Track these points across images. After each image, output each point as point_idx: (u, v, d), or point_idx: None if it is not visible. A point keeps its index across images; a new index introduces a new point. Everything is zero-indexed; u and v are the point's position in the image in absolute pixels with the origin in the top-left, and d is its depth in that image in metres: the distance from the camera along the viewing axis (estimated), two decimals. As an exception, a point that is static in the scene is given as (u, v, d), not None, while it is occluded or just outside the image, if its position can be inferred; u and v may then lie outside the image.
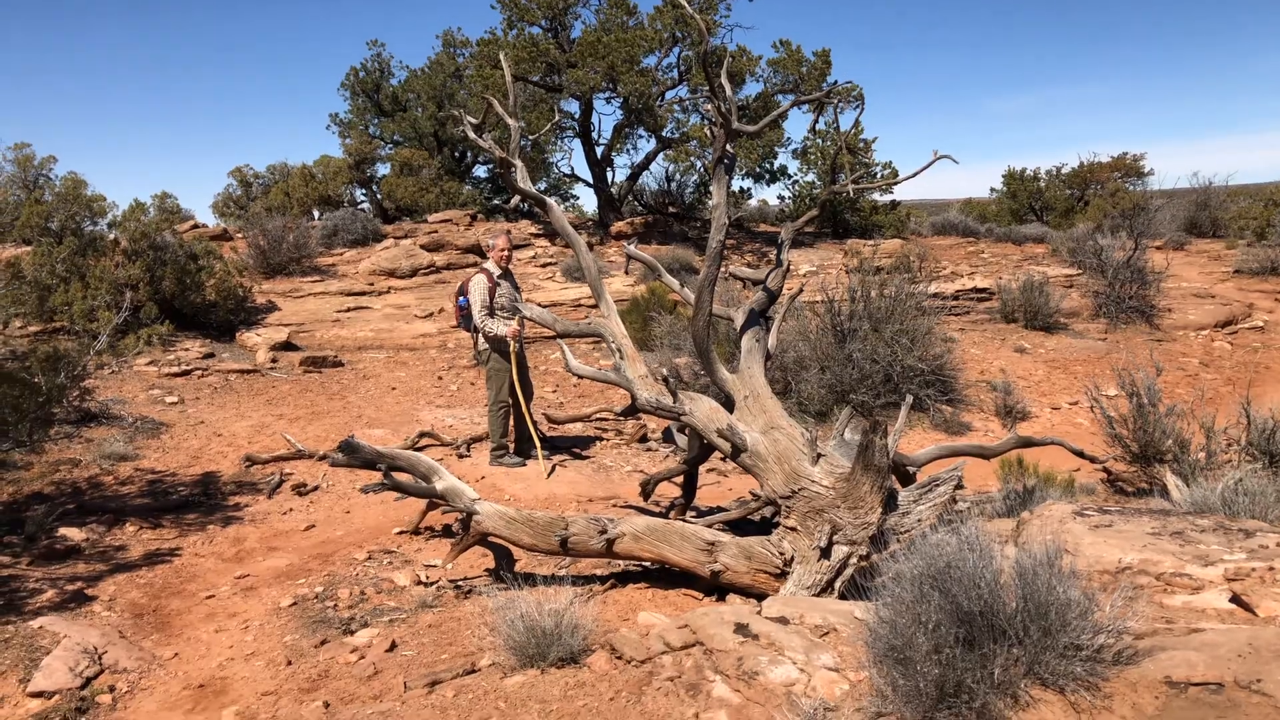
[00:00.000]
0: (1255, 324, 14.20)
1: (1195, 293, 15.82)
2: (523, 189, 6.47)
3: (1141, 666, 2.73)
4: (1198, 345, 13.30)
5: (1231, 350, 13.06)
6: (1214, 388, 11.27)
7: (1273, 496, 5.08)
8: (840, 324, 10.46)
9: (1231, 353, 12.97)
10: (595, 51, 18.26)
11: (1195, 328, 14.01)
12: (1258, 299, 15.88)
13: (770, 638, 3.30)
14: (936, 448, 6.47)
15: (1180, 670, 2.67)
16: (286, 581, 5.58)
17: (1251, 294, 16.21)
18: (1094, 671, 2.66)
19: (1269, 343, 13.42)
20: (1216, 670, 2.64)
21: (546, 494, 7.30)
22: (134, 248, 11.45)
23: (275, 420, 8.84)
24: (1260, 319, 14.49)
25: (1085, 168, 25.14)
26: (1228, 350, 13.06)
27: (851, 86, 19.27)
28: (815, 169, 21.72)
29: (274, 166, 24.68)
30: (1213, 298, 15.55)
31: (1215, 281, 17.22)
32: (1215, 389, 11.20)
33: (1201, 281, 17.04)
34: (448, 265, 16.46)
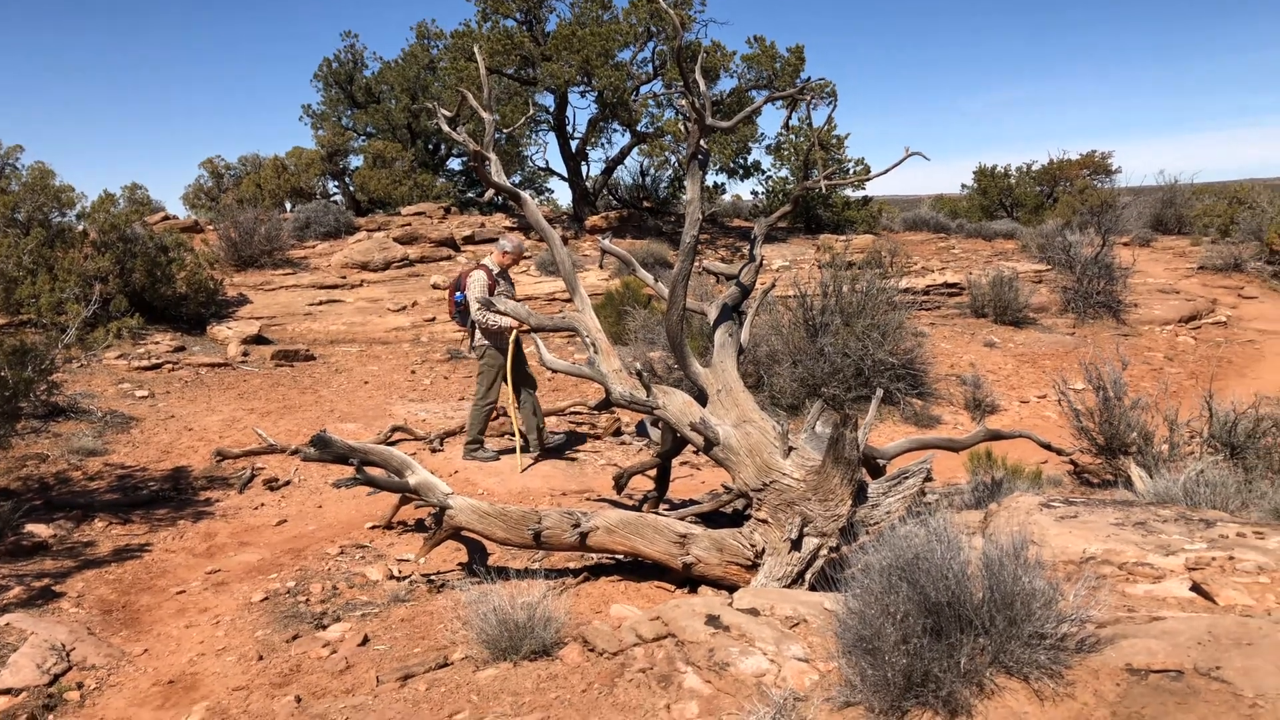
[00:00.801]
0: (1218, 319, 14.44)
1: (1161, 288, 16.05)
2: (497, 183, 6.46)
3: (1104, 654, 2.78)
4: (1162, 340, 13.50)
5: (1195, 345, 13.28)
6: (1177, 381, 11.45)
7: (1233, 488, 5.19)
8: (812, 318, 10.53)
9: (1195, 347, 13.18)
10: (570, 45, 18.23)
11: (1160, 322, 14.22)
12: (1221, 294, 16.15)
13: (741, 629, 3.34)
14: (906, 440, 6.54)
15: (1141, 658, 2.73)
16: (258, 576, 5.56)
17: (1215, 289, 16.48)
18: (1057, 659, 2.72)
19: (1231, 337, 13.65)
20: (1176, 658, 2.70)
21: (520, 488, 7.31)
22: (103, 239, 11.31)
23: (246, 414, 8.79)
24: (1223, 314, 14.74)
25: (1055, 165, 25.41)
26: (1191, 344, 13.27)
27: (825, 83, 19.34)
28: (789, 165, 21.81)
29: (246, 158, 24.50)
30: (1177, 293, 15.79)
31: (1180, 277, 17.48)
32: (1179, 382, 11.39)
33: (1167, 277, 17.29)
34: (421, 258, 16.39)
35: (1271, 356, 12.26)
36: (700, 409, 5.42)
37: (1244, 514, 4.84)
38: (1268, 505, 4.90)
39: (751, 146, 20.95)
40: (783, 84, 19.33)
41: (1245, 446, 6.25)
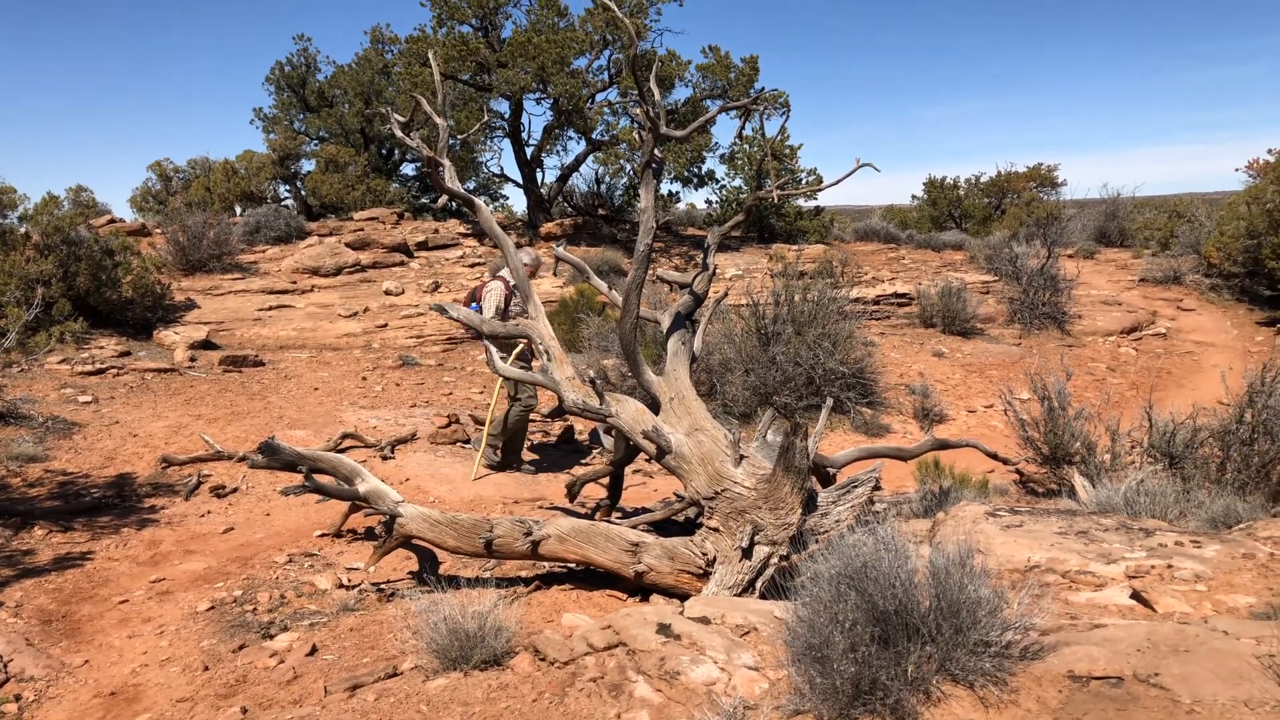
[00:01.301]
0: (1159, 331, 14.79)
1: (1104, 300, 16.41)
2: (450, 189, 6.43)
3: (1046, 661, 2.84)
4: (1105, 351, 13.81)
5: (1136, 356, 13.59)
6: (1119, 392, 11.71)
7: (1171, 497, 5.32)
8: (764, 327, 10.61)
9: (1136, 358, 13.49)
10: (526, 52, 18.20)
11: (1103, 334, 14.54)
12: (1161, 306, 16.55)
13: (692, 637, 3.35)
14: (856, 449, 6.62)
15: (1083, 664, 2.79)
16: (204, 585, 5.46)
17: (1155, 301, 16.89)
18: (1002, 667, 2.77)
19: (1171, 349, 13.99)
20: (1117, 664, 2.76)
21: (472, 496, 7.27)
22: (46, 242, 11.05)
23: (193, 421, 8.63)
24: (1163, 326, 15.11)
25: (1002, 177, 25.90)
26: (1133, 355, 13.58)
27: (778, 93, 19.54)
28: (742, 174, 21.97)
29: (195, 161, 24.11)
30: (1120, 305, 16.16)
31: (1122, 289, 17.88)
32: (1121, 393, 11.65)
33: (1110, 289, 17.68)
34: (373, 264, 16.24)
35: (1208, 368, 12.58)
36: (653, 417, 5.44)
37: (1182, 523, 4.97)
38: (1204, 514, 5.03)
39: (706, 156, 21.07)
40: (737, 94, 19.47)
41: (1183, 456, 6.40)
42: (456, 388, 10.83)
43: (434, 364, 11.75)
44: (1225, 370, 9.08)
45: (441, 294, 14.72)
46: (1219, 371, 9.06)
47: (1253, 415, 6.13)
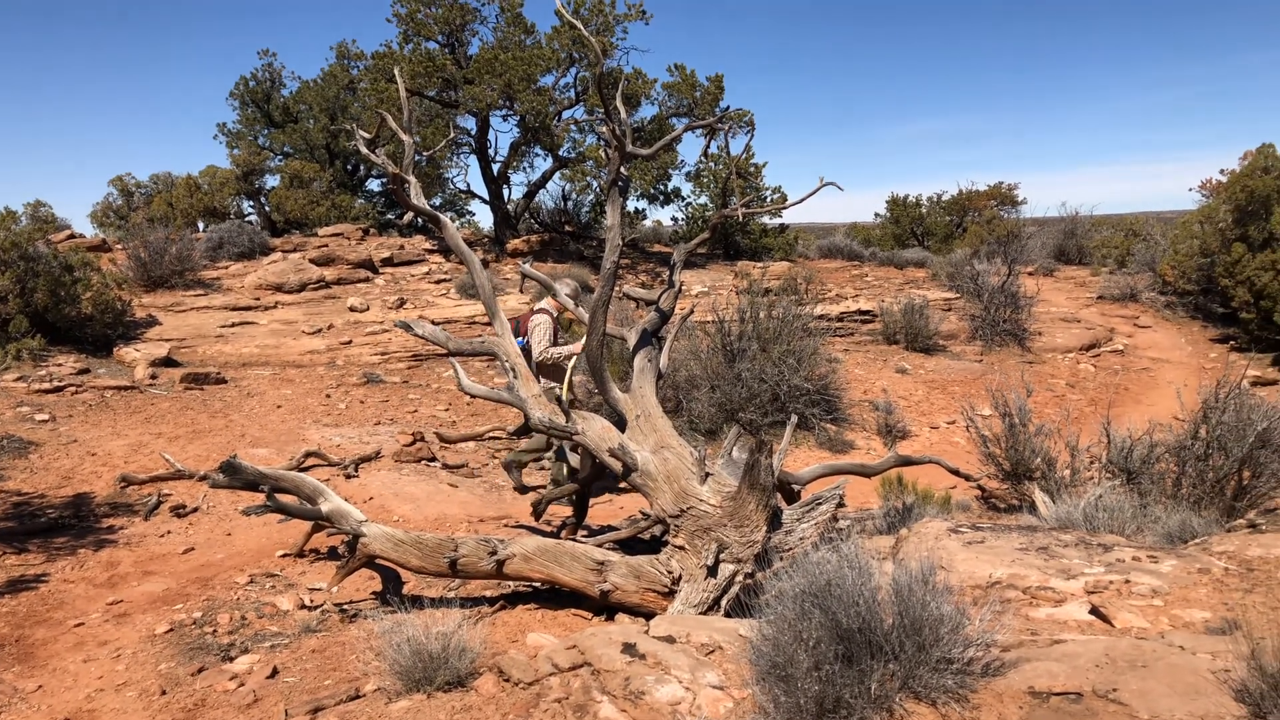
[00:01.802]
0: (1116, 347, 15.05)
1: (1063, 317, 16.67)
2: (416, 206, 6.41)
3: (1008, 677, 2.87)
4: (1065, 367, 14.02)
5: (1095, 372, 13.81)
6: (1079, 408, 11.89)
7: (1129, 512, 5.40)
8: (730, 344, 10.66)
9: (1095, 374, 13.71)
10: (492, 69, 18.21)
11: (1063, 350, 14.76)
12: (1118, 323, 16.85)
13: (657, 657, 3.34)
14: (820, 466, 6.66)
15: (1043, 680, 2.82)
16: (163, 607, 5.37)
17: (1113, 319, 17.19)
18: (964, 684, 2.79)
19: (1128, 365, 14.24)
20: (1076, 680, 2.80)
21: (436, 514, 7.22)
22: (3, 258, 10.86)
23: (154, 439, 8.50)
24: (1120, 343, 15.37)
25: (964, 195, 26.25)
26: (1091, 372, 13.80)
27: (743, 112, 19.69)
28: (708, 192, 22.10)
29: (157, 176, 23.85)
30: (1078, 322, 16.42)
31: (1081, 306, 18.18)
32: (1080, 409, 11.82)
33: (1069, 306, 17.97)
34: (338, 280, 16.12)
35: (1164, 385, 12.81)
36: (619, 435, 5.44)
37: (1139, 538, 5.05)
38: (1161, 529, 5.12)
39: (672, 173, 21.20)
40: (703, 112, 19.61)
41: (1140, 472, 6.51)
42: (422, 405, 10.77)
43: (399, 381, 11.67)
44: (1180, 387, 9.26)
45: (407, 310, 14.64)
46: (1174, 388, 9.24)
47: (1207, 431, 6.25)
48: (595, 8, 18.99)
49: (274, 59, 24.54)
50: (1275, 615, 3.48)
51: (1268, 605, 3.63)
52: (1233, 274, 15.14)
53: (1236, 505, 5.95)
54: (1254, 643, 2.57)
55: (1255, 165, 15.78)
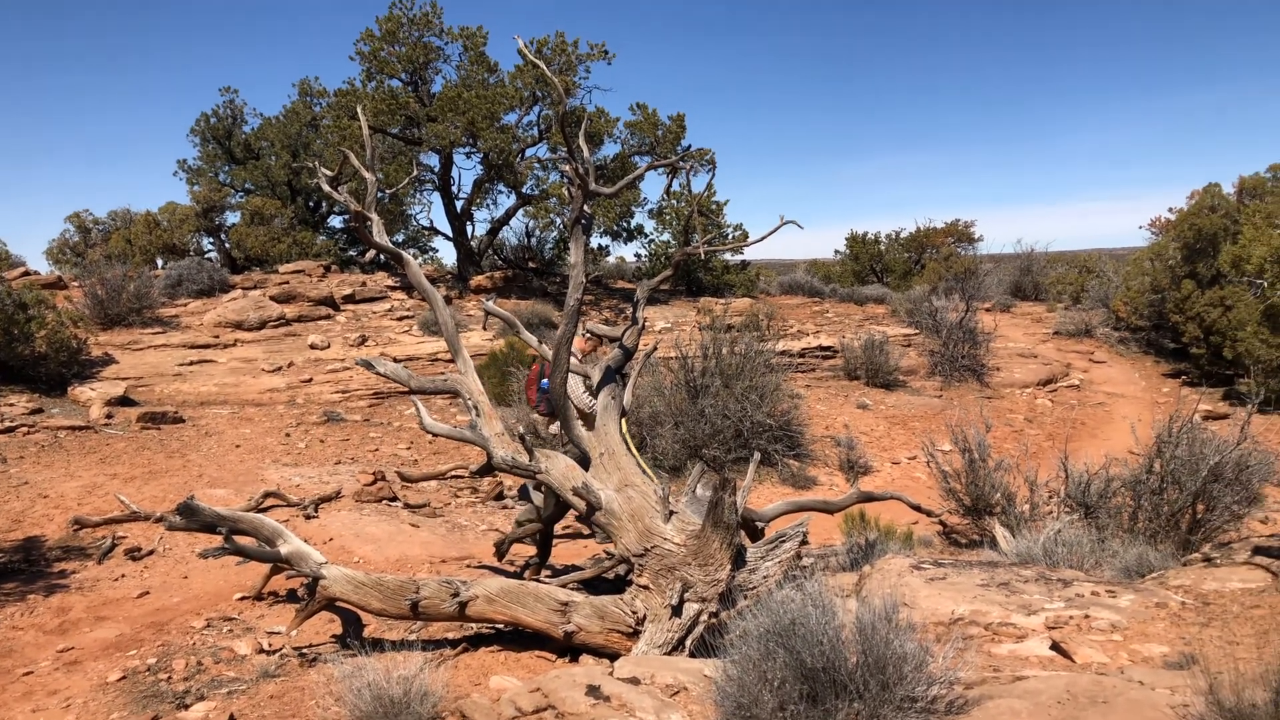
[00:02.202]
0: (1072, 382, 15.29)
1: (1020, 352, 16.92)
2: (378, 244, 6.40)
3: (971, 715, 2.88)
4: (1023, 402, 14.21)
5: (1052, 407, 14.01)
6: (1037, 443, 12.05)
7: (1087, 547, 5.47)
8: (693, 380, 10.69)
9: (1052, 409, 13.91)
10: (455, 107, 18.29)
11: (1020, 385, 14.97)
12: (1074, 359, 17.13)
13: (622, 699, 3.32)
14: (784, 503, 6.68)
15: (1005, 718, 2.84)
16: (116, 654, 5.23)
17: (1069, 354, 17.48)
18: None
19: (1084, 400, 14.47)
20: (1039, 717, 2.82)
21: (398, 555, 7.13)
22: (-47, 295, 10.66)
23: (109, 480, 8.33)
24: (1076, 378, 15.62)
25: (922, 233, 26.65)
26: (1049, 407, 14.00)
27: (704, 151, 19.95)
28: (670, 229, 22.26)
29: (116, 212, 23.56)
30: (1035, 357, 16.67)
31: (1038, 342, 18.47)
32: (1038, 444, 11.98)
33: (1026, 342, 18.25)
34: (299, 317, 15.97)
35: (1119, 419, 13.02)
36: (583, 473, 5.42)
37: (1098, 572, 5.11)
38: (1119, 563, 5.18)
39: (635, 210, 21.33)
40: (665, 150, 19.81)
41: (1098, 506, 6.60)
42: (383, 444, 10.66)
43: (360, 420, 11.56)
44: (1135, 421, 9.41)
45: (369, 348, 14.54)
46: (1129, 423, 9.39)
47: (1161, 465, 6.37)
48: (558, 47, 19.18)
49: (235, 95, 24.46)
50: (1231, 650, 3.53)
51: (1224, 639, 3.68)
52: (1183, 310, 15.48)
53: (1191, 539, 6.05)
54: (1211, 678, 2.61)
55: (1202, 204, 16.22)
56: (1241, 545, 5.13)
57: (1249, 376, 13.24)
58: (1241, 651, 3.50)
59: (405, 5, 19.03)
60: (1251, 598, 4.19)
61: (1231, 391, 14.22)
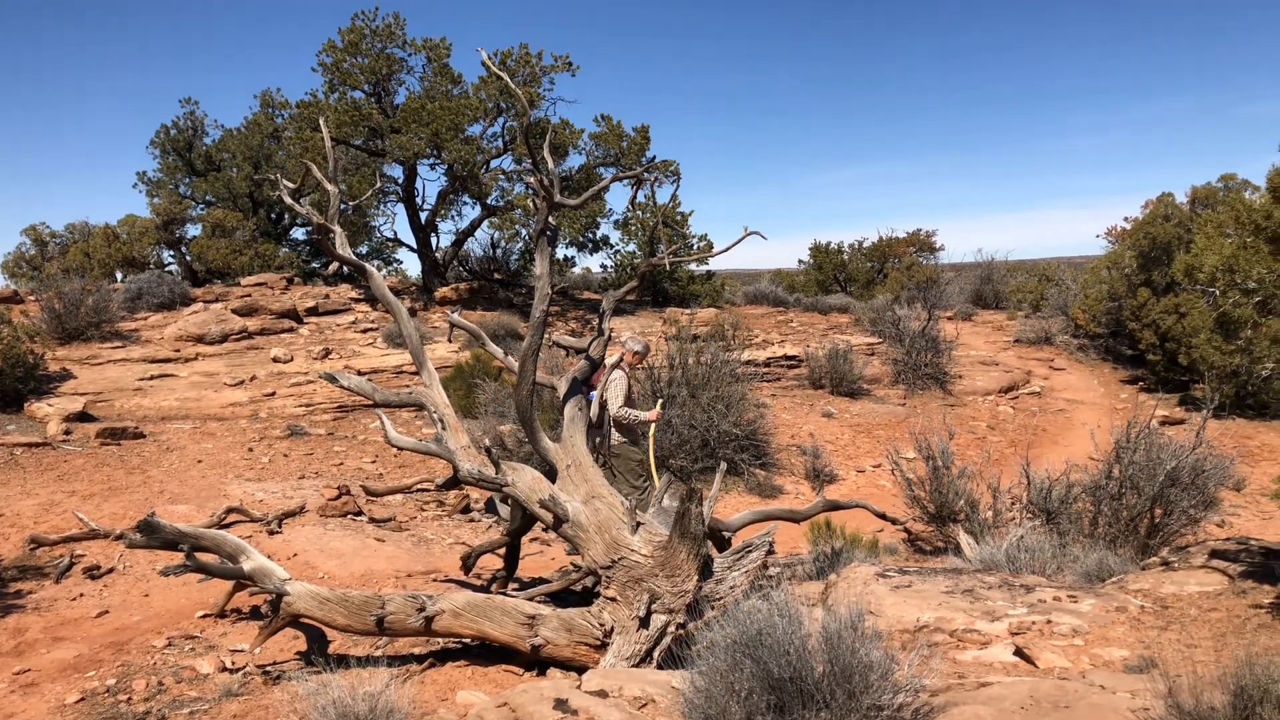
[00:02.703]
0: (1033, 389, 15.50)
1: (982, 360, 17.12)
2: (342, 256, 6.36)
3: (936, 722, 2.91)
4: (985, 409, 14.38)
5: (1014, 414, 14.19)
6: (999, 450, 12.19)
7: (1049, 552, 5.54)
8: (660, 390, 10.71)
9: (1014, 416, 14.09)
10: (419, 118, 18.21)
11: (983, 393, 15.15)
12: (1035, 366, 17.37)
13: (589, 712, 3.31)
14: (750, 513, 6.70)
15: (969, 723, 2.87)
16: (74, 675, 5.13)
17: (1030, 361, 17.71)
18: (894, 729, 2.82)
19: (1045, 406, 14.67)
20: (1001, 721, 2.85)
21: (363, 570, 7.06)
22: (-98, 310, 10.41)
23: (67, 498, 8.18)
24: (1037, 385, 15.84)
25: (884, 242, 26.92)
26: (1011, 414, 14.18)
27: (669, 162, 20.00)
28: (636, 239, 22.29)
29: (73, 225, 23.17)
30: (997, 365, 16.88)
31: (999, 350, 18.71)
32: (1000, 451, 12.12)
33: (987, 350, 18.47)
34: (261, 330, 15.80)
35: (1079, 425, 13.21)
36: (550, 485, 5.41)
37: (1060, 577, 5.18)
38: (1080, 568, 5.26)
39: (600, 221, 21.34)
40: (629, 161, 19.84)
41: (1059, 512, 6.69)
42: (348, 457, 10.57)
43: (324, 433, 11.45)
44: (1095, 427, 9.56)
45: (332, 361, 14.41)
46: (1089, 429, 9.53)
47: (1120, 471, 6.47)
48: (522, 59, 19.17)
49: (196, 107, 24.15)
50: (1190, 653, 3.60)
51: (1182, 642, 3.75)
52: (1139, 317, 15.76)
53: (1150, 543, 6.15)
54: (1170, 681, 2.66)
55: (1157, 213, 16.53)
56: (1198, 549, 5.23)
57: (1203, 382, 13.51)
58: (1200, 654, 3.57)
59: (368, 16, 18.95)
60: (1209, 601, 4.27)
61: (1187, 397, 14.49)
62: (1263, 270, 4.19)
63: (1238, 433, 12.55)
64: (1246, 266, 4.25)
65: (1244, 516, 8.93)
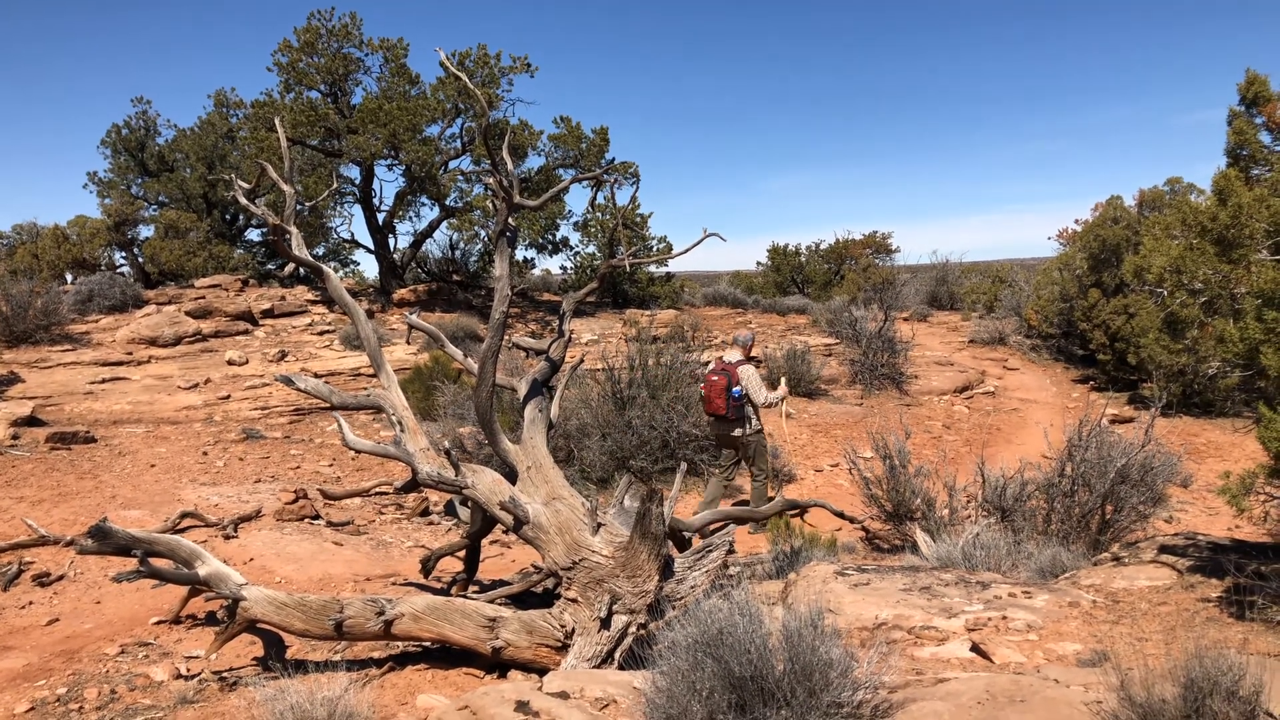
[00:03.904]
0: (988, 389, 15.73)
1: (938, 360, 17.34)
2: (297, 257, 6.29)
3: (895, 719, 2.95)
4: (940, 409, 14.56)
5: (969, 413, 14.38)
6: (955, 448, 12.35)
7: (1004, 549, 5.63)
8: (620, 392, 10.72)
9: (969, 415, 14.28)
10: (377, 119, 18.06)
11: (938, 393, 15.33)
12: (989, 366, 17.62)
13: (551, 714, 3.31)
14: (710, 513, 6.73)
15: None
16: (23, 684, 5.02)
17: (984, 361, 17.97)
18: (853, 726, 2.85)
19: (999, 406, 14.89)
20: (960, 718, 2.89)
21: (321, 575, 6.99)
22: None
23: (15, 504, 8.00)
24: (991, 384, 16.07)
25: (841, 244, 27.14)
26: (966, 413, 14.37)
27: (629, 164, 20.04)
28: (596, 241, 22.31)
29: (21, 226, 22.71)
30: (952, 365, 17.10)
31: (954, 350, 18.96)
32: (956, 449, 12.28)
33: (943, 350, 18.71)
34: (215, 333, 15.57)
35: (1032, 424, 13.42)
36: (510, 487, 5.40)
37: (1015, 574, 5.26)
38: (1034, 565, 5.35)
39: (560, 223, 21.34)
40: (589, 163, 19.85)
41: (1014, 509, 6.80)
42: (304, 461, 10.45)
43: (280, 436, 11.31)
44: (1048, 426, 9.72)
45: (289, 363, 14.24)
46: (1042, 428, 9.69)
47: (1072, 469, 6.59)
48: (480, 59, 19.10)
49: (149, 106, 23.76)
50: (1141, 646, 3.68)
51: (1133, 636, 3.83)
52: (1090, 318, 16.05)
53: (1101, 539, 6.26)
54: (1122, 674, 2.71)
55: (1106, 216, 16.85)
56: (1148, 544, 5.34)
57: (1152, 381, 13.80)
58: (1150, 648, 3.65)
59: (324, 16, 18.76)
60: (1159, 595, 4.36)
61: (1136, 396, 14.78)
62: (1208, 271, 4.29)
63: (1185, 430, 12.83)
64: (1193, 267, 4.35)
65: (1191, 512, 9.13)
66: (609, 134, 20.16)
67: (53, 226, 20.56)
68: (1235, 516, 4.11)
